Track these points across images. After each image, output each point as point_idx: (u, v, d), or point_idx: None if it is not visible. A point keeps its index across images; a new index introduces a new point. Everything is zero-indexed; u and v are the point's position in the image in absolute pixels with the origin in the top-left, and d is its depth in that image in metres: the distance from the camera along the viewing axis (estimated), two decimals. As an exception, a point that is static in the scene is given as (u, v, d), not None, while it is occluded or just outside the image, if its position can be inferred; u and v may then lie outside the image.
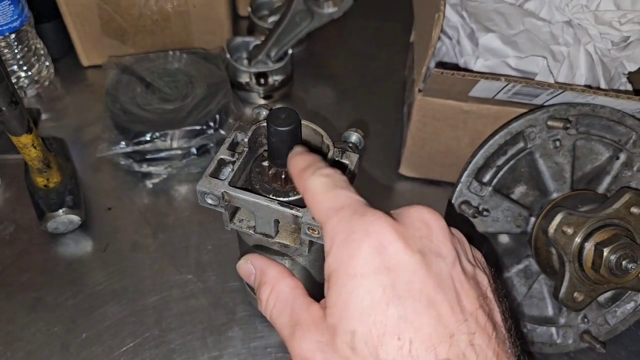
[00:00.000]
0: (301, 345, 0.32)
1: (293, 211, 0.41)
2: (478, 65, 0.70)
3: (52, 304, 0.64)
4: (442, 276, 0.30)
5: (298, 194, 0.43)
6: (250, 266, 0.42)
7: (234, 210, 0.46)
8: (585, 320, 0.62)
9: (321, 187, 0.34)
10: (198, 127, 0.75)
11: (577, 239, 0.54)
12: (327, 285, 0.32)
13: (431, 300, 0.29)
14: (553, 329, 0.62)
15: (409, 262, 0.29)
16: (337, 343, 0.30)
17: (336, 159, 0.45)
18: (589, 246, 0.54)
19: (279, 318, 0.36)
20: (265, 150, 0.45)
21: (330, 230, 0.32)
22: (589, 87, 0.68)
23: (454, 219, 0.60)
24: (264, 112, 0.48)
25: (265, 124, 0.44)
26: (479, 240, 0.61)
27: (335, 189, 0.34)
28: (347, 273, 0.30)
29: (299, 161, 0.38)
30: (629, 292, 0.63)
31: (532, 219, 0.60)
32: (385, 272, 0.29)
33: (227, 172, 0.44)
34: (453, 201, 0.60)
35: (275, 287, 0.38)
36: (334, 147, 0.44)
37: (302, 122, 0.43)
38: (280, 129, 0.40)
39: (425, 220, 0.32)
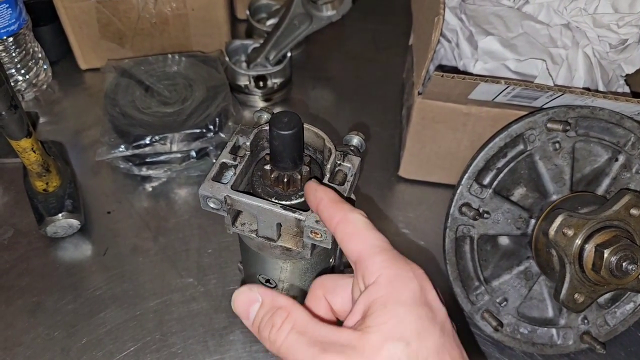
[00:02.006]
0: None
1: (296, 215, 0.41)
2: (477, 68, 0.70)
3: (52, 308, 0.64)
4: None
5: (300, 197, 0.43)
6: (255, 294, 0.37)
7: (236, 214, 0.46)
8: (585, 321, 0.62)
9: (364, 225, 0.37)
10: (197, 131, 0.75)
11: (578, 241, 0.54)
12: (365, 309, 0.34)
13: (456, 341, 0.35)
14: (553, 330, 0.62)
15: (442, 307, 0.35)
16: (383, 356, 0.32)
17: (338, 162, 0.45)
18: (590, 248, 0.54)
19: (297, 341, 0.34)
20: (267, 154, 0.45)
21: (378, 264, 0.35)
22: (588, 89, 0.68)
23: (455, 221, 0.61)
24: (265, 116, 0.48)
25: (266, 128, 0.44)
26: (479, 242, 0.61)
27: (374, 229, 0.37)
28: (399, 301, 0.33)
29: (328, 192, 0.40)
30: (628, 293, 0.63)
31: (532, 221, 0.60)
32: (428, 308, 0.34)
33: (229, 175, 0.44)
34: (453, 204, 0.60)
35: (292, 313, 0.35)
36: (336, 150, 0.45)
37: (304, 125, 0.43)
38: (282, 132, 0.40)
39: None
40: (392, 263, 0.35)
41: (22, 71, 0.84)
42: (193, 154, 0.77)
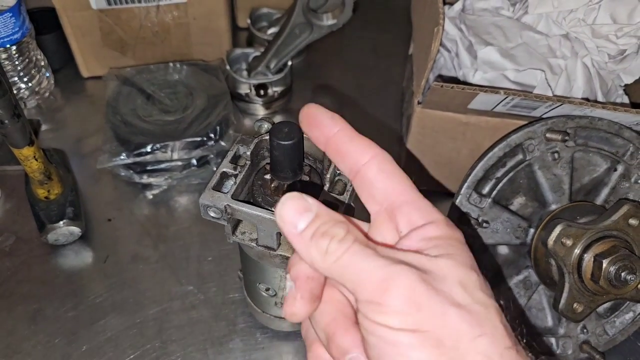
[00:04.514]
0: None
1: (296, 224, 0.41)
2: (477, 78, 0.71)
3: (52, 315, 0.64)
4: None
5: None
6: (308, 203, 0.31)
7: (236, 223, 0.47)
8: (585, 330, 0.62)
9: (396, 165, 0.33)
10: (198, 139, 0.75)
11: (577, 251, 0.54)
12: (420, 245, 0.31)
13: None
14: (552, 340, 0.62)
15: None
16: (455, 280, 0.30)
17: (338, 171, 0.45)
18: (588, 258, 0.54)
19: (363, 252, 0.30)
20: (267, 164, 0.45)
21: (430, 207, 0.32)
22: (587, 99, 0.69)
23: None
24: (266, 125, 0.48)
25: (267, 137, 0.45)
26: (478, 251, 0.62)
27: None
28: (462, 241, 0.32)
29: (344, 124, 0.35)
30: (628, 302, 0.63)
31: (532, 230, 0.60)
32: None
33: (230, 185, 0.44)
34: (452, 213, 0.60)
35: (352, 229, 0.31)
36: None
37: (304, 135, 0.43)
38: (283, 142, 0.40)
39: None
40: (440, 214, 0.33)
41: (25, 79, 0.85)
42: (194, 162, 0.77)
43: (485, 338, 0.28)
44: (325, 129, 0.34)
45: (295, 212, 0.31)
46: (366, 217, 0.35)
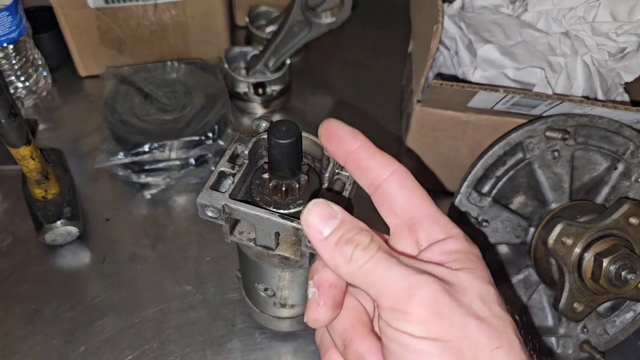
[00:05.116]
0: None
1: (294, 224, 0.41)
2: (476, 76, 0.70)
3: (50, 316, 0.63)
4: None
5: (298, 206, 0.43)
6: (334, 211, 0.32)
7: (234, 223, 0.46)
8: (585, 330, 0.62)
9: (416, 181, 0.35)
10: (196, 138, 0.75)
11: (577, 250, 0.54)
12: (440, 258, 0.32)
13: None
14: (553, 339, 0.62)
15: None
16: (475, 292, 0.30)
17: (336, 170, 0.45)
18: (589, 257, 0.54)
19: (386, 261, 0.30)
20: (265, 163, 0.45)
21: (450, 223, 0.34)
22: (587, 97, 0.68)
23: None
24: (264, 124, 0.48)
25: (265, 136, 0.44)
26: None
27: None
28: (480, 256, 0.32)
29: (364, 138, 0.36)
30: (628, 301, 0.63)
31: (532, 230, 0.60)
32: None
33: (228, 184, 0.44)
34: (452, 212, 0.60)
35: (376, 237, 0.32)
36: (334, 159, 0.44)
37: (302, 134, 0.43)
38: (281, 141, 0.40)
39: None
40: (464, 236, 0.34)
41: (22, 78, 0.84)
42: (192, 161, 0.77)
43: (502, 350, 0.29)
44: (346, 144, 0.35)
45: (321, 219, 0.32)
46: (366, 215, 0.35)
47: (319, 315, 0.33)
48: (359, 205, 0.43)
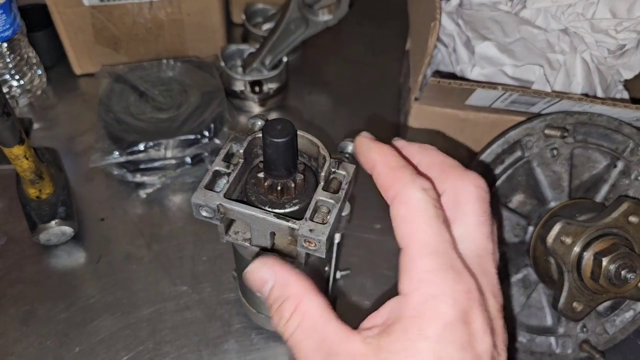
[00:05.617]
0: None
1: (289, 224, 0.40)
2: (474, 74, 0.70)
3: (44, 317, 0.63)
4: None
5: (294, 205, 0.43)
6: (267, 274, 0.35)
7: (230, 223, 0.46)
8: (584, 329, 0.62)
9: (422, 208, 0.32)
10: (192, 137, 0.74)
11: (576, 249, 0.54)
12: (388, 319, 0.31)
13: None
14: (552, 339, 0.62)
15: (486, 339, 0.32)
16: None
17: (333, 169, 0.44)
18: (588, 256, 0.53)
19: (303, 341, 0.32)
20: (261, 162, 0.44)
21: (419, 273, 0.32)
22: (586, 95, 0.68)
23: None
24: (259, 123, 0.47)
25: (260, 135, 0.44)
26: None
27: (436, 217, 0.32)
28: (423, 334, 0.30)
29: (384, 153, 0.36)
30: (628, 301, 0.62)
31: (530, 228, 0.60)
32: (464, 341, 0.30)
33: (222, 184, 0.43)
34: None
35: (301, 305, 0.33)
36: (330, 157, 0.44)
37: (298, 132, 0.42)
38: (276, 140, 0.39)
39: None
40: (437, 276, 0.30)
41: (17, 77, 0.83)
42: (188, 160, 0.76)
43: None
44: (366, 163, 0.38)
45: (258, 284, 0.36)
46: (366, 214, 0.34)
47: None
48: (357, 209, 0.42)
